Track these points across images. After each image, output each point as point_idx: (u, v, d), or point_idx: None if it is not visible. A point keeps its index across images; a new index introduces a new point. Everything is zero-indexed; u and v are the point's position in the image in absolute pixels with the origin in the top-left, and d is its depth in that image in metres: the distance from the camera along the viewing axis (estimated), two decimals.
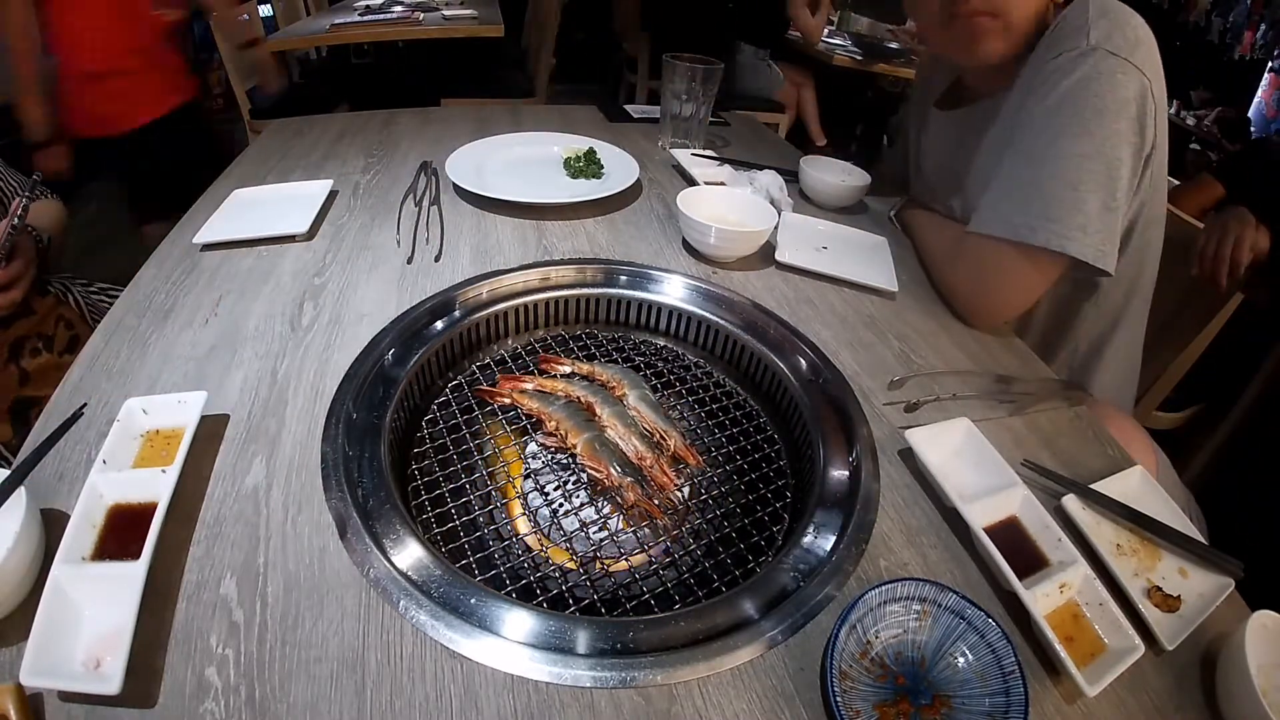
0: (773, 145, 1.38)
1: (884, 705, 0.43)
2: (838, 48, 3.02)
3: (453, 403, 0.68)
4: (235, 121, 2.44)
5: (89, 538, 0.46)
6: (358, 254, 0.83)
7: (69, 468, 0.53)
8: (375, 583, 0.47)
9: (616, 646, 0.45)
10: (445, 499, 0.57)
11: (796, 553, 0.52)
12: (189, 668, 0.41)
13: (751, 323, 0.78)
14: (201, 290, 0.75)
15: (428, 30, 2.41)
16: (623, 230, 0.94)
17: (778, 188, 1.03)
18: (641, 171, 1.07)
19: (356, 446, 0.57)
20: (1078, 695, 0.44)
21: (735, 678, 0.44)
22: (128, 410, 0.54)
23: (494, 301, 0.78)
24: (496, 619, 0.45)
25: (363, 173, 1.05)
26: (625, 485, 0.57)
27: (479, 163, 1.06)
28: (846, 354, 0.74)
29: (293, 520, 0.51)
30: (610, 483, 0.58)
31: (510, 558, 0.56)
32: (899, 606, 0.47)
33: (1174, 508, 0.58)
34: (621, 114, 1.43)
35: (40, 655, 0.39)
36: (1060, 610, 0.48)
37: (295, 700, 0.40)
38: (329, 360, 0.66)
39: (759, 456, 0.66)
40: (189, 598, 0.45)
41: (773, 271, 0.87)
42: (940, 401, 0.67)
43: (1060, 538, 0.52)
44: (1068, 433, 0.68)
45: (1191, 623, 0.49)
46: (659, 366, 0.78)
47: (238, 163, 1.08)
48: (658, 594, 0.53)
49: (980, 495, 0.55)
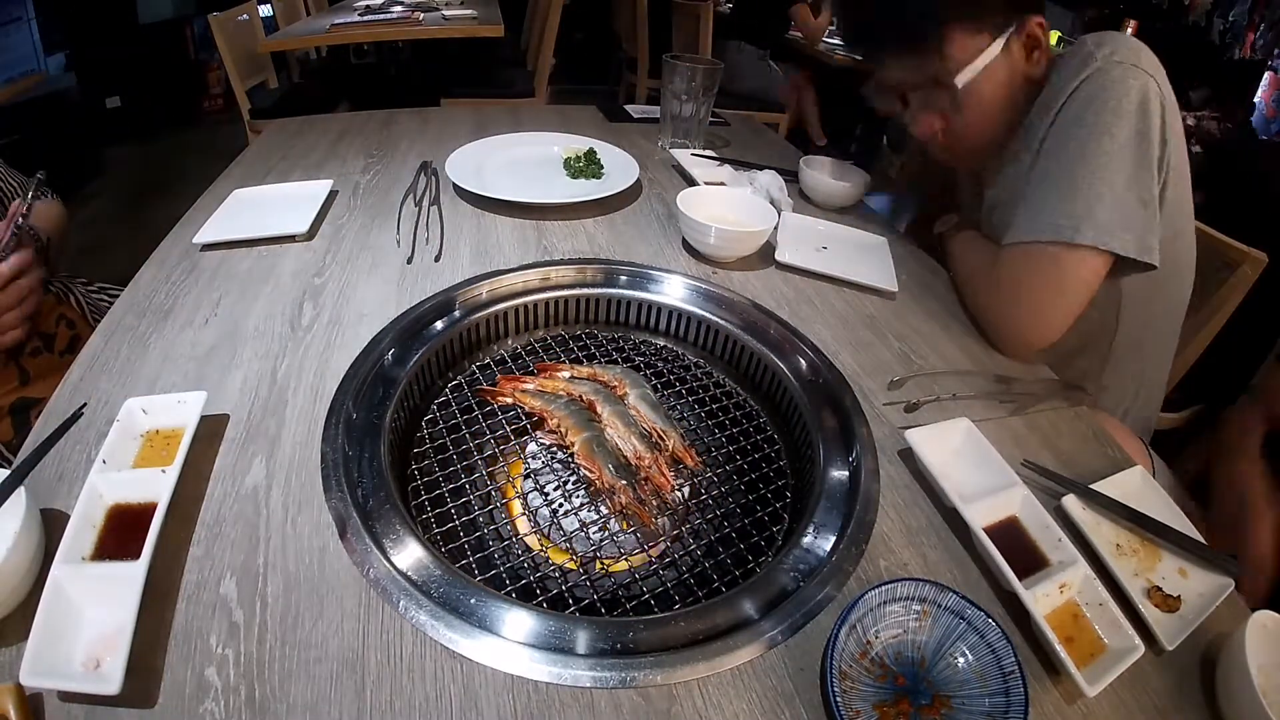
0: (773, 145, 1.38)
1: (884, 705, 0.43)
2: (838, 48, 3.02)
3: (453, 403, 0.68)
4: (235, 121, 2.44)
5: (89, 538, 0.46)
6: (358, 254, 0.83)
7: (69, 468, 0.53)
8: (375, 583, 0.47)
9: (616, 646, 0.45)
10: (445, 499, 0.57)
11: (796, 553, 0.52)
12: (189, 668, 0.41)
13: (751, 323, 0.78)
14: (201, 290, 0.75)
15: (428, 30, 2.41)
16: (623, 230, 0.94)
17: (778, 188, 1.03)
18: (641, 171, 1.07)
19: (356, 446, 0.57)
20: (1078, 695, 0.44)
21: (735, 678, 0.44)
22: (128, 410, 0.54)
23: (494, 301, 0.78)
24: (496, 619, 0.45)
25: (363, 173, 1.05)
26: (618, 489, 0.57)
27: (479, 163, 1.06)
28: (846, 354, 0.74)
29: (293, 520, 0.51)
30: (603, 485, 0.58)
31: (510, 558, 0.56)
32: (899, 606, 0.47)
33: (1174, 508, 0.58)
34: (621, 114, 1.43)
35: (40, 655, 0.39)
36: (1060, 610, 0.48)
37: (295, 700, 0.40)
38: (329, 360, 0.66)
39: (759, 456, 0.66)
40: (189, 598, 0.45)
41: (773, 271, 0.87)
42: (940, 401, 0.67)
43: (1060, 538, 0.52)
44: (1068, 433, 0.68)
45: (1191, 623, 0.49)
46: (659, 366, 0.78)
47: (238, 163, 1.08)
48: (658, 594, 0.53)
49: (980, 495, 0.55)
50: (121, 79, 3.32)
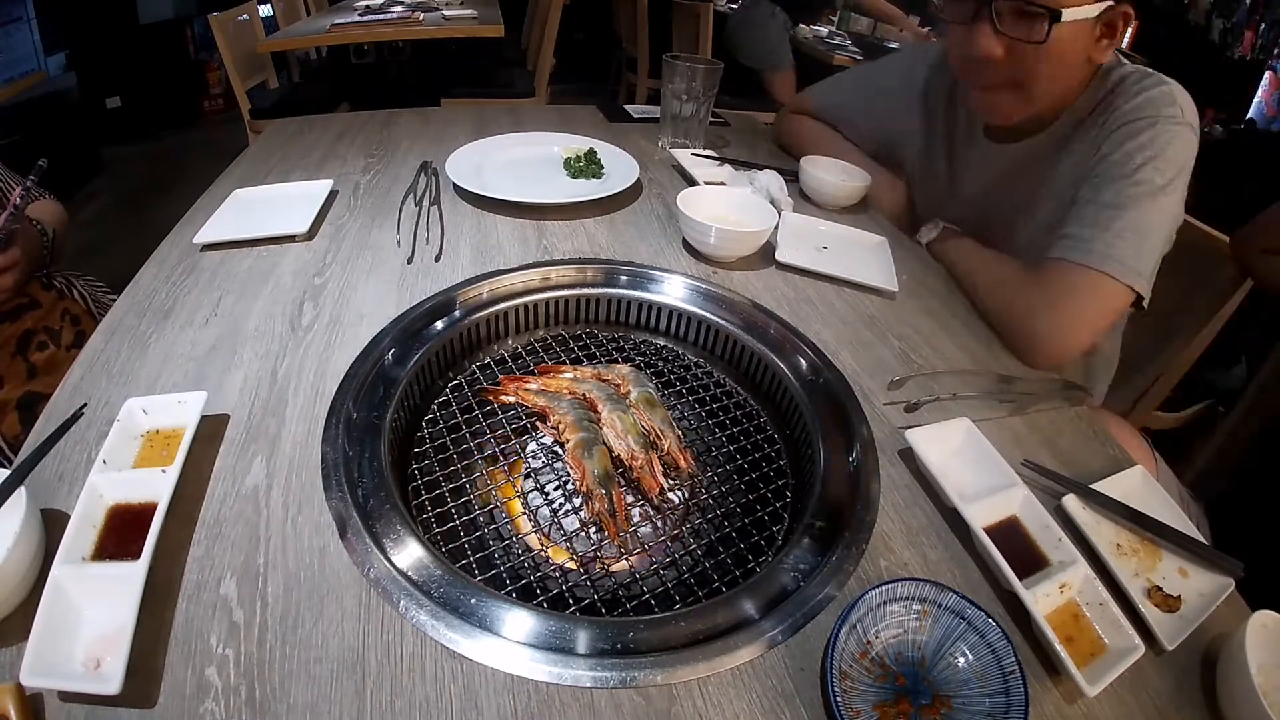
0: (773, 145, 1.38)
1: (884, 705, 0.43)
2: (838, 48, 3.02)
3: (453, 403, 0.68)
4: (235, 121, 2.44)
5: (89, 538, 0.46)
6: (358, 254, 0.83)
7: (69, 468, 0.53)
8: (375, 583, 0.47)
9: (616, 646, 0.45)
10: (445, 499, 0.57)
11: (796, 553, 0.52)
12: (189, 668, 0.41)
13: (751, 323, 0.78)
14: (202, 290, 0.75)
15: (428, 30, 2.41)
16: (623, 230, 0.94)
17: (778, 188, 1.03)
18: (641, 171, 1.07)
19: (356, 446, 0.57)
20: (1078, 695, 0.44)
21: (735, 678, 0.44)
22: (128, 410, 0.54)
23: (494, 301, 0.78)
24: (496, 619, 0.45)
25: (363, 173, 1.05)
26: (595, 496, 0.56)
27: (479, 163, 1.06)
28: (846, 354, 0.74)
29: (293, 520, 0.51)
30: (583, 489, 0.58)
31: (510, 557, 0.56)
32: (899, 606, 0.47)
33: (1174, 508, 0.58)
34: (621, 114, 1.43)
35: (40, 655, 0.39)
36: (1060, 610, 0.48)
37: (295, 700, 0.40)
38: (329, 360, 0.66)
39: (759, 456, 0.66)
40: (189, 598, 0.45)
41: (773, 271, 0.87)
42: (940, 401, 0.67)
43: (1060, 538, 0.52)
44: (1068, 433, 0.68)
45: (1191, 623, 0.49)
46: (659, 366, 0.78)
47: (238, 163, 1.08)
48: (658, 594, 0.53)
49: (980, 495, 0.55)
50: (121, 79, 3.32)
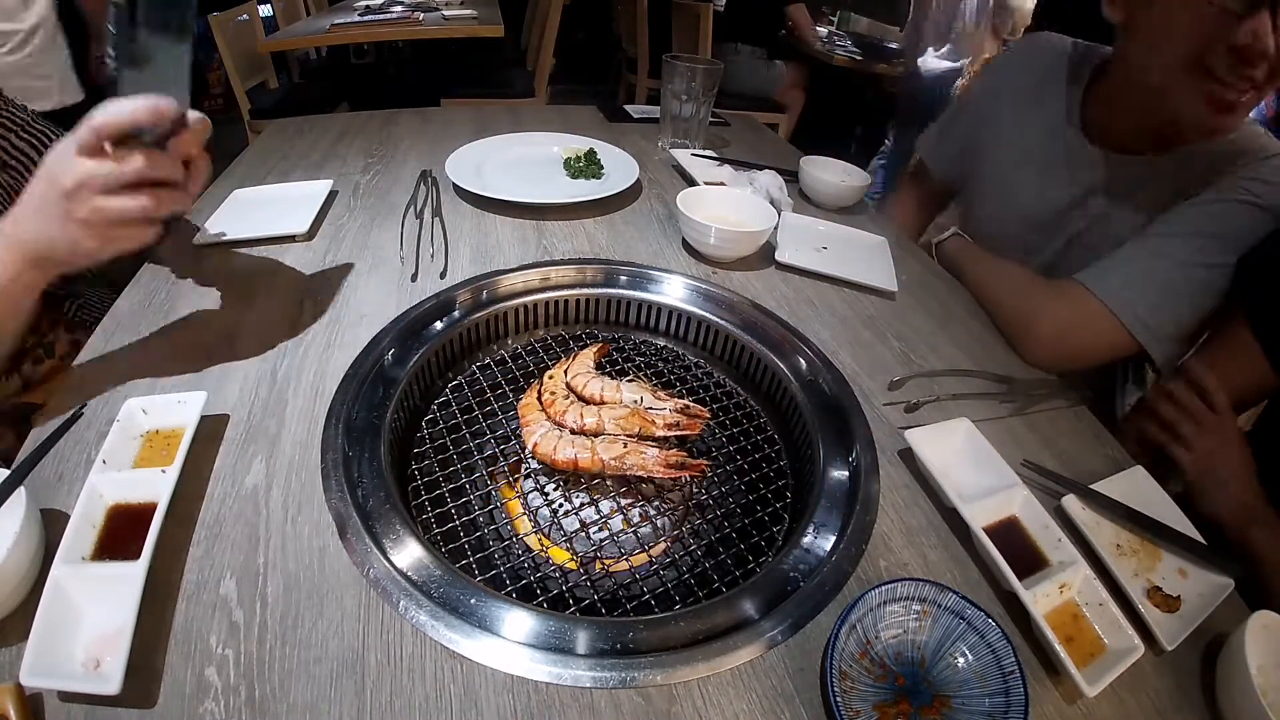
0: (773, 145, 1.38)
1: (884, 705, 0.43)
2: (838, 48, 3.02)
3: (453, 403, 0.68)
4: (235, 122, 2.44)
5: (89, 538, 0.46)
6: (358, 254, 0.83)
7: (69, 468, 0.53)
8: (375, 583, 0.47)
9: (616, 647, 0.45)
10: (445, 499, 0.57)
11: (796, 553, 0.52)
12: (189, 668, 0.41)
13: (751, 323, 0.78)
14: (201, 290, 0.74)
15: (428, 30, 2.41)
16: (623, 230, 0.94)
17: (778, 188, 1.03)
18: (641, 172, 1.07)
19: (356, 446, 0.57)
20: (1078, 695, 0.44)
21: (735, 678, 0.44)
22: (128, 410, 0.54)
23: (494, 301, 0.78)
24: (496, 619, 0.45)
25: (363, 173, 1.05)
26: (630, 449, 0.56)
27: (479, 163, 1.06)
28: (846, 354, 0.74)
29: (293, 520, 0.51)
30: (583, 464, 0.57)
31: (510, 558, 0.56)
32: (899, 606, 0.47)
33: (1174, 508, 0.58)
34: (621, 114, 1.43)
35: (40, 655, 0.39)
36: (1060, 610, 0.48)
37: (295, 700, 0.40)
38: (329, 360, 0.66)
39: (759, 456, 0.66)
40: (189, 598, 0.45)
41: (773, 271, 0.87)
42: (940, 402, 0.67)
43: (1060, 538, 0.52)
44: (1068, 433, 0.68)
45: (1191, 623, 0.49)
46: (659, 367, 0.78)
47: (238, 163, 1.08)
48: (658, 594, 0.53)
49: (980, 495, 0.55)
50: None
